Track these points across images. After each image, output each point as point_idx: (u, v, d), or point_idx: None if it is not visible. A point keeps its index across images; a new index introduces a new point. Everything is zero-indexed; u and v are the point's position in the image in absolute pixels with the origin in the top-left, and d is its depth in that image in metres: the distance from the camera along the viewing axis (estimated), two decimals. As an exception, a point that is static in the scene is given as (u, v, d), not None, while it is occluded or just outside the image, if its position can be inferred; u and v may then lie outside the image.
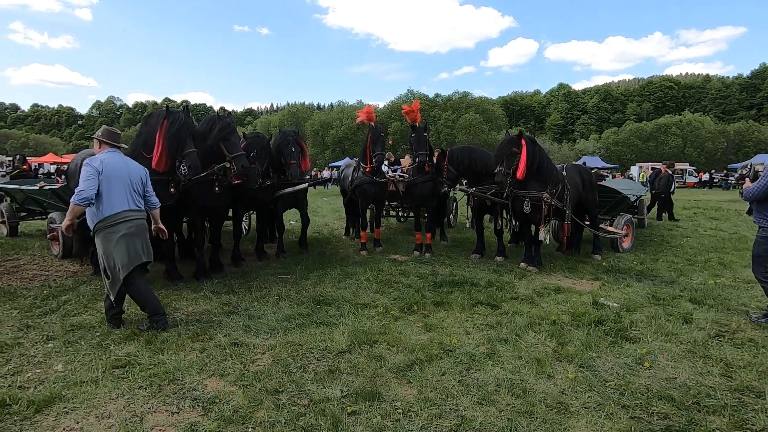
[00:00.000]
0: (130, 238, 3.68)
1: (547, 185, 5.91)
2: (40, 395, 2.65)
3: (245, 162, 4.98)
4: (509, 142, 5.76)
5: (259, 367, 3.10)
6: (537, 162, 5.82)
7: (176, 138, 4.55)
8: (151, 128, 4.74)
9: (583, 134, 65.63)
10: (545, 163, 6.01)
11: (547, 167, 6.00)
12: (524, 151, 5.69)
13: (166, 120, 4.58)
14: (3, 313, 4.10)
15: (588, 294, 4.89)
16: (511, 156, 5.69)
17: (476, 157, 6.59)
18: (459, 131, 46.45)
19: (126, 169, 3.80)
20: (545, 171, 5.95)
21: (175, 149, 4.58)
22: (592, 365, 3.17)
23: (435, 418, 2.52)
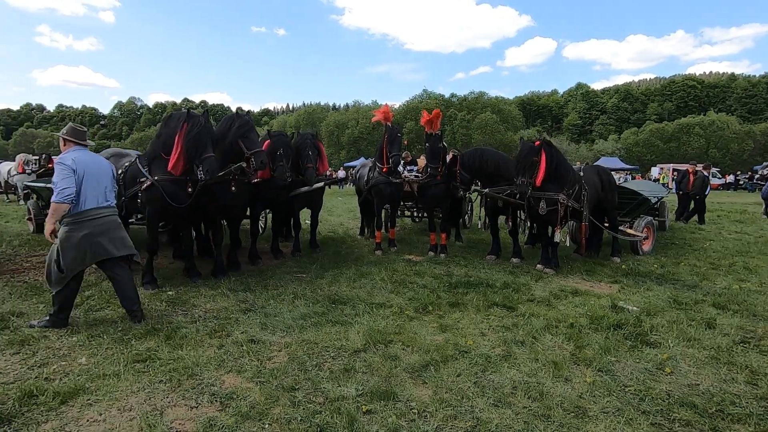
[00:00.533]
0: (92, 238, 3.70)
1: (564, 186, 5.83)
2: (65, 387, 2.73)
3: (264, 158, 5.05)
4: (530, 152, 5.70)
5: (276, 364, 3.13)
6: (554, 167, 5.76)
7: (195, 142, 4.61)
8: (171, 130, 4.82)
9: (602, 135, 64.44)
10: (562, 164, 5.94)
11: (563, 169, 5.92)
12: (543, 159, 5.65)
13: (186, 123, 4.66)
14: (30, 307, 4.24)
15: (607, 297, 4.81)
16: (532, 165, 5.65)
17: (487, 158, 6.53)
18: (474, 131, 46.09)
19: (97, 166, 3.85)
20: (561, 173, 5.88)
21: (193, 153, 4.65)
22: (611, 369, 3.12)
23: (450, 419, 2.51)
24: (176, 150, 4.64)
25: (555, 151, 5.88)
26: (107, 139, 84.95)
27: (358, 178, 8.40)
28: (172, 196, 4.73)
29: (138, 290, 4.11)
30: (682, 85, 71.42)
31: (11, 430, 2.32)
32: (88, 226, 3.68)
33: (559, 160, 5.90)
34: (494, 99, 54.16)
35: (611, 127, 67.77)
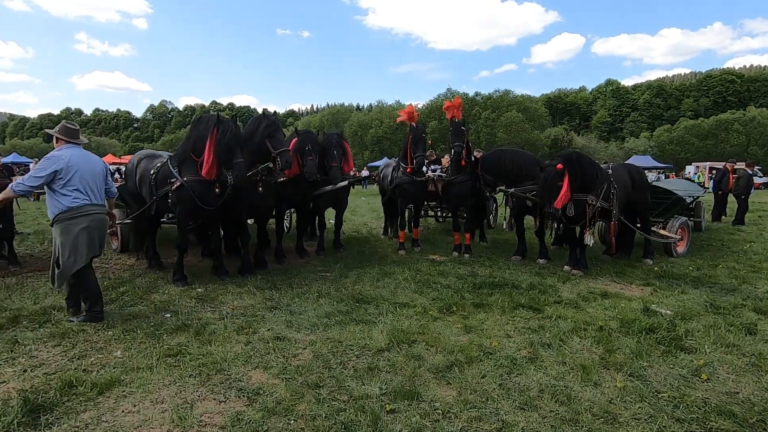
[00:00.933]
0: (90, 232, 3.80)
1: (591, 190, 5.65)
2: (101, 378, 2.85)
3: (289, 157, 5.15)
4: (554, 178, 5.48)
5: (301, 361, 3.18)
6: (578, 182, 5.48)
7: (227, 148, 4.73)
8: (201, 132, 4.95)
9: (633, 132, 62.36)
10: (587, 174, 5.63)
11: (588, 178, 5.63)
12: (565, 184, 5.38)
13: (216, 129, 4.78)
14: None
15: (638, 300, 4.65)
16: (557, 190, 5.44)
17: (506, 159, 6.42)
18: (499, 130, 45.40)
19: (88, 164, 3.90)
20: (588, 182, 5.62)
21: (224, 159, 4.77)
22: (643, 375, 3.01)
23: (475, 421, 2.49)
24: (208, 156, 4.75)
25: (579, 165, 5.56)
26: (140, 141, 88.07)
27: (382, 177, 8.42)
28: (201, 197, 4.86)
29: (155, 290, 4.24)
30: (720, 80, 68.25)
31: (53, 417, 2.44)
32: (83, 221, 3.78)
33: (585, 172, 5.59)
34: (520, 97, 53.16)
35: (643, 124, 65.51)
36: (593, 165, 5.91)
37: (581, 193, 5.59)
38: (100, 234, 3.95)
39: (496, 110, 48.64)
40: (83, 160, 3.88)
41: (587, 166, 5.72)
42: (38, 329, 3.70)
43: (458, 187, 6.83)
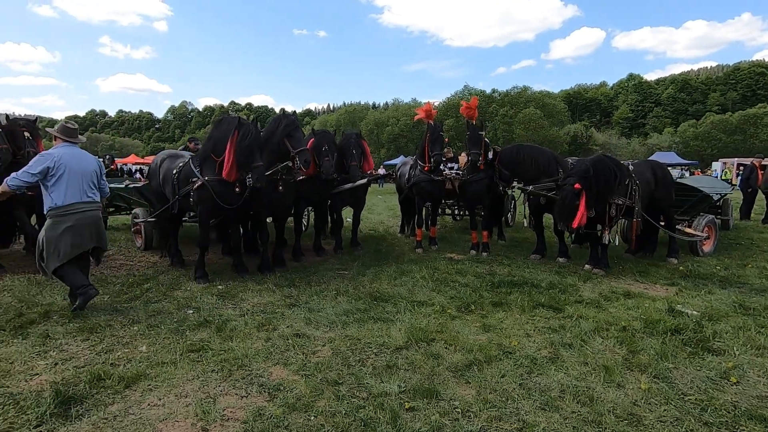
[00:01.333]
0: (76, 230, 3.95)
1: (611, 195, 5.50)
2: (128, 372, 2.94)
3: (307, 156, 5.20)
4: (572, 198, 5.27)
5: (320, 358, 3.21)
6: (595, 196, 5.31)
7: (247, 151, 4.79)
8: (222, 133, 5.03)
9: (656, 128, 60.73)
10: (606, 182, 5.42)
11: (608, 185, 5.44)
12: (582, 204, 5.19)
13: (237, 131, 4.84)
14: (97, 298, 4.57)
15: (663, 300, 4.53)
16: (575, 209, 5.26)
17: (524, 155, 6.32)
18: (517, 127, 44.79)
19: (80, 162, 4.04)
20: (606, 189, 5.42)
21: (244, 162, 4.83)
22: (669, 377, 2.94)
23: (495, 420, 2.47)
24: (229, 159, 4.83)
25: (596, 179, 5.34)
26: (161, 142, 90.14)
27: (399, 176, 8.41)
28: (221, 196, 4.95)
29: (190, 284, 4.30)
30: (749, 73, 65.89)
31: (83, 409, 2.53)
32: (71, 218, 3.94)
33: (603, 182, 5.38)
34: (538, 93, 52.34)
35: (667, 119, 63.77)
36: (613, 170, 5.57)
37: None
38: (91, 230, 4.09)
39: (513, 107, 47.96)
40: (75, 159, 4.03)
41: (606, 174, 5.45)
42: (67, 324, 3.82)
43: (475, 185, 6.77)
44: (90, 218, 4.09)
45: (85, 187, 4.04)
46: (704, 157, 44.98)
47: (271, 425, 2.38)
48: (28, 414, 2.45)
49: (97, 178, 4.20)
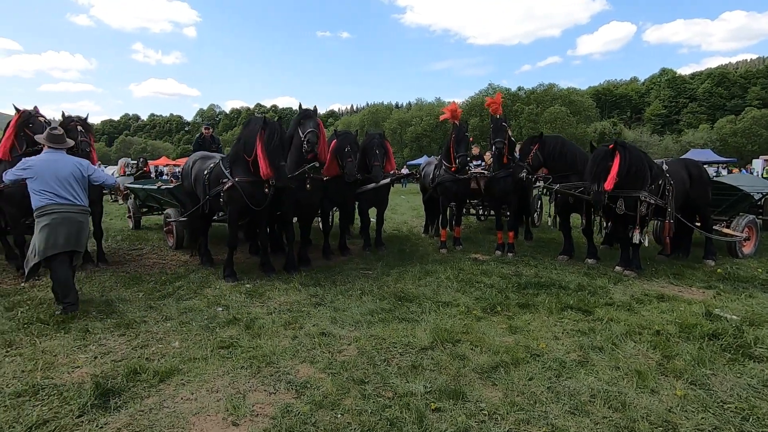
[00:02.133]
0: (50, 229, 4.03)
1: (643, 185, 5.35)
2: (162, 367, 3.04)
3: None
4: (604, 158, 5.26)
5: (346, 357, 3.24)
6: (627, 168, 5.25)
7: (275, 150, 4.95)
8: (250, 134, 5.17)
9: (691, 124, 58.31)
10: (638, 164, 5.37)
11: (640, 168, 5.37)
12: (616, 163, 5.16)
13: (264, 130, 4.98)
14: (132, 295, 4.77)
15: (699, 303, 4.36)
16: (606, 171, 5.21)
17: (567, 150, 6.20)
18: (543, 125, 43.84)
19: (54, 166, 4.15)
20: (639, 172, 5.36)
21: (273, 159, 4.96)
22: (706, 383, 2.83)
23: (522, 424, 2.43)
24: (262, 156, 4.96)
25: (631, 152, 5.38)
26: (191, 144, 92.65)
27: (423, 176, 8.39)
28: (250, 197, 5.07)
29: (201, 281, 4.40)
30: (793, 65, 62.29)
31: (121, 401, 2.64)
32: (46, 218, 4.07)
33: (634, 160, 5.35)
34: (565, 90, 51.07)
35: (702, 115, 61.13)
36: (646, 157, 5.61)
37: (633, 189, 5.31)
38: (69, 230, 4.12)
39: (539, 105, 46.98)
40: (48, 164, 4.18)
41: (640, 156, 5.47)
42: (105, 319, 3.99)
43: (502, 183, 6.69)
44: (64, 219, 4.10)
45: (59, 190, 4.11)
46: (744, 154, 42.85)
47: (299, 422, 2.42)
48: (71, 404, 2.57)
49: (75, 180, 4.23)
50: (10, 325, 3.81)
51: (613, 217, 5.75)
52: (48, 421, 2.43)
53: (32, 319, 3.92)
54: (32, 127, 5.17)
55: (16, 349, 3.36)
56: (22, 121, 5.25)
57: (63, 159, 4.33)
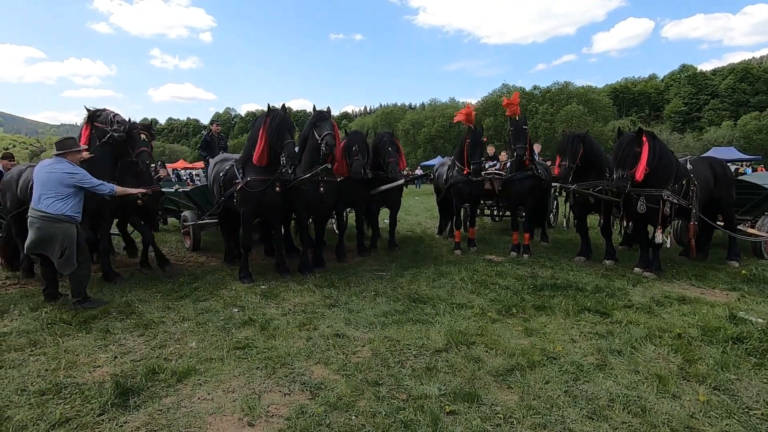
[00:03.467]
0: (35, 231, 4.21)
1: (668, 182, 5.23)
2: (180, 367, 3.09)
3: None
4: (631, 142, 5.13)
5: (360, 358, 3.24)
6: (657, 161, 5.16)
7: (276, 131, 4.94)
8: (256, 129, 5.24)
9: (713, 121, 56.73)
10: (666, 157, 5.32)
11: (667, 162, 5.30)
12: (645, 150, 5.06)
13: (268, 117, 5.04)
14: (150, 296, 4.86)
15: (723, 306, 4.23)
16: (633, 158, 5.09)
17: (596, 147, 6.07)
18: (559, 124, 43.23)
19: (41, 173, 4.33)
20: (665, 166, 5.26)
21: (275, 141, 4.95)
22: (731, 389, 2.74)
23: (539, 428, 2.40)
24: (260, 143, 5.03)
25: (659, 143, 5.31)
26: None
27: (437, 176, 8.35)
28: (262, 195, 5.14)
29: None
30: (821, 59, 60.07)
31: (140, 400, 2.69)
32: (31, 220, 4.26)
33: (663, 152, 5.30)
34: (581, 89, 50.27)
35: (725, 112, 59.40)
36: (673, 155, 5.50)
37: (656, 186, 5.19)
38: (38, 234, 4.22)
39: (554, 104, 46.31)
40: (39, 170, 4.41)
41: (667, 150, 5.36)
42: (125, 320, 4.08)
43: (519, 185, 6.60)
44: (41, 226, 4.20)
45: (41, 196, 4.23)
46: (769, 151, 41.47)
47: (313, 423, 2.43)
48: (92, 403, 2.63)
49: (62, 186, 4.26)
50: (35, 324, 3.93)
51: (634, 217, 5.62)
52: (70, 419, 2.49)
53: (55, 319, 4.04)
54: (100, 119, 5.17)
55: (40, 348, 3.46)
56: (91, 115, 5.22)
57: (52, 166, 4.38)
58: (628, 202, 5.48)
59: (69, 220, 4.26)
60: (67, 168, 4.34)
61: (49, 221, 4.20)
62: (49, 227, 4.20)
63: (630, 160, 5.08)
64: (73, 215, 4.30)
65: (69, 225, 4.27)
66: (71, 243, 4.26)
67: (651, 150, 5.09)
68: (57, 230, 4.22)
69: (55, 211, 4.20)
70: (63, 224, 4.24)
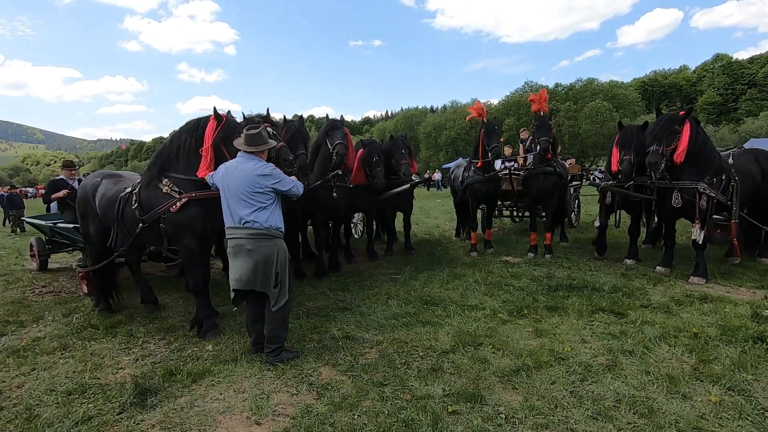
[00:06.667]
0: (245, 256, 3.31)
1: (705, 174, 4.94)
2: (196, 369, 3.23)
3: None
4: (670, 120, 4.89)
5: (367, 360, 3.30)
6: (699, 145, 4.88)
7: (289, 142, 5.05)
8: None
9: (751, 112, 54.03)
10: (707, 145, 5.03)
11: (707, 151, 5.01)
12: (687, 129, 4.79)
13: (283, 129, 5.18)
14: (173, 301, 5.08)
15: (746, 305, 4.07)
16: (671, 135, 4.82)
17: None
18: (583, 121, 42.15)
19: (230, 180, 3.43)
20: (705, 156, 4.96)
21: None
22: (746, 389, 2.65)
23: (541, 428, 2.39)
24: None
25: (703, 131, 5.04)
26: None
27: (453, 178, 8.34)
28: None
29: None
30: None
31: (156, 400, 2.83)
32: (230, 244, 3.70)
33: (706, 141, 5.00)
34: (606, 84, 48.87)
35: (764, 102, 56.49)
36: (714, 147, 5.22)
37: (692, 176, 4.93)
38: (246, 261, 3.32)
39: (577, 101, 45.18)
40: (225, 176, 3.49)
41: (708, 139, 5.07)
42: (149, 324, 4.28)
43: (542, 181, 6.50)
44: (247, 246, 3.38)
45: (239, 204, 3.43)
46: (814, 141, 39.08)
47: (318, 422, 2.50)
48: (113, 402, 2.80)
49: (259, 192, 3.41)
50: (66, 330, 4.18)
51: (668, 214, 5.32)
52: (92, 417, 2.65)
53: (85, 325, 4.28)
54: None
55: (69, 351, 3.68)
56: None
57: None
58: (663, 197, 5.20)
59: (279, 234, 3.35)
60: (259, 168, 3.32)
61: (261, 239, 3.25)
62: (260, 247, 3.25)
63: (667, 137, 4.80)
64: (281, 227, 3.40)
65: (282, 241, 3.38)
66: (284, 265, 3.34)
67: (693, 132, 4.82)
68: (270, 249, 3.27)
69: (265, 224, 3.26)
70: (276, 240, 3.32)
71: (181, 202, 3.86)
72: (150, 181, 4.05)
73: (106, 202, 4.45)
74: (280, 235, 3.37)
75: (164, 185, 3.94)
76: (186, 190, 3.90)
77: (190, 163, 3.93)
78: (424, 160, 54.51)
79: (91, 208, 4.61)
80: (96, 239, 4.66)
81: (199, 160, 3.86)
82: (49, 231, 6.38)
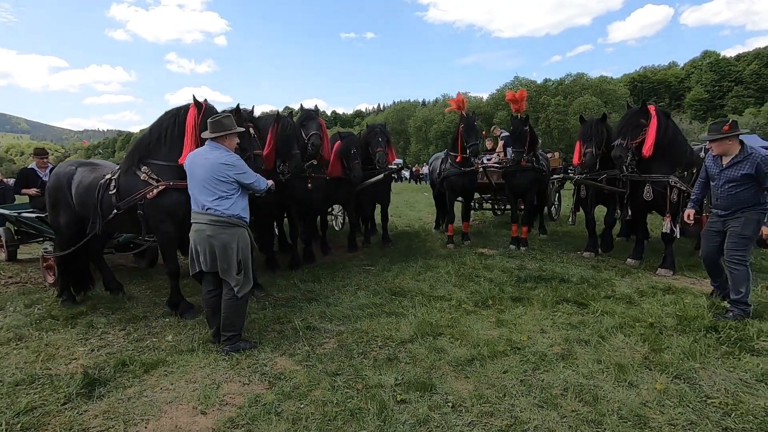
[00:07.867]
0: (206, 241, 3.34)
1: (676, 168, 4.98)
2: (150, 359, 3.18)
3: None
4: (635, 113, 4.94)
5: (325, 350, 3.28)
6: (668, 138, 4.91)
7: (286, 141, 5.06)
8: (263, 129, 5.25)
9: (736, 109, 54.74)
10: (677, 139, 5.07)
11: (678, 145, 5.05)
12: (654, 123, 4.82)
13: (277, 124, 5.10)
14: (140, 292, 5.00)
15: (707, 296, 4.12)
16: (636, 129, 4.86)
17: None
18: (572, 117, 42.37)
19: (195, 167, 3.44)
20: (675, 149, 5.00)
21: (283, 151, 5.09)
22: (692, 377, 2.68)
23: (486, 416, 2.39)
24: (269, 145, 5.07)
25: (672, 123, 5.05)
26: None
27: (431, 171, 8.32)
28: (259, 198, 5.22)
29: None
30: None
31: (105, 391, 2.78)
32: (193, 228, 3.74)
33: (675, 133, 5.03)
34: (596, 79, 49.12)
35: (749, 99, 57.23)
36: (685, 140, 5.27)
37: (663, 169, 4.97)
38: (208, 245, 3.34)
39: (567, 96, 45.37)
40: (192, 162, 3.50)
41: (679, 132, 5.11)
42: (111, 315, 4.21)
43: (519, 177, 6.51)
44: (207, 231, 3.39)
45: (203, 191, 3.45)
46: (796, 138, 39.76)
47: (264, 411, 2.48)
48: (59, 393, 2.74)
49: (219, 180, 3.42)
50: (25, 320, 4.09)
51: (639, 207, 5.36)
52: (36, 407, 2.60)
53: (45, 316, 4.20)
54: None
55: (24, 342, 3.61)
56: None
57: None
58: (635, 190, 5.24)
59: (241, 223, 3.34)
60: (222, 157, 3.30)
61: (221, 226, 3.24)
62: (220, 234, 3.24)
63: (632, 130, 4.85)
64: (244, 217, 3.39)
65: (243, 229, 3.36)
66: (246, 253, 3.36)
67: (661, 125, 4.84)
68: (231, 237, 3.26)
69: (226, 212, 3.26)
70: (237, 228, 3.31)
71: (157, 189, 3.90)
72: (129, 167, 4.08)
73: (84, 189, 4.33)
74: (242, 224, 3.36)
75: (143, 172, 3.98)
76: (167, 176, 3.94)
77: (173, 149, 3.97)
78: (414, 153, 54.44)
79: (63, 196, 4.47)
80: (66, 230, 4.55)
81: (181, 147, 3.88)
82: (15, 221, 6.25)
